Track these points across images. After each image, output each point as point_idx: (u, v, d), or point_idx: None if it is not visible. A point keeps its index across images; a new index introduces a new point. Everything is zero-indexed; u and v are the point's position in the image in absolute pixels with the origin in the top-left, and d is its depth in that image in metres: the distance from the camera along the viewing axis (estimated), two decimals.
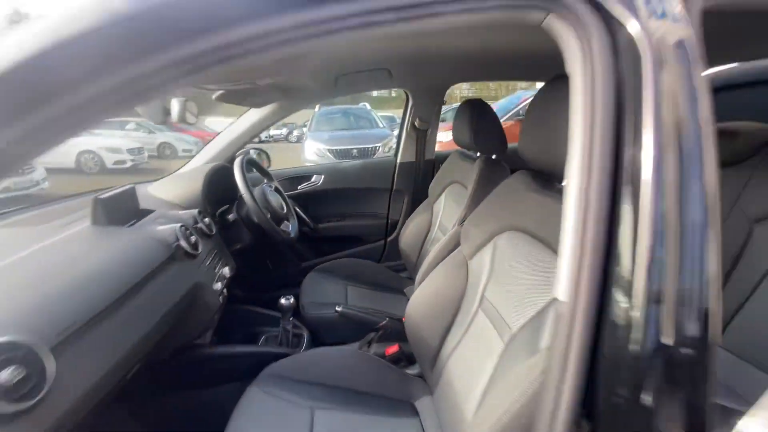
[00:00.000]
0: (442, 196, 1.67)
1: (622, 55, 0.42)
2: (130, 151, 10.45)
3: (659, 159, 0.40)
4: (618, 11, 0.42)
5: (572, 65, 0.45)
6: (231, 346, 1.30)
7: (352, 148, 5.93)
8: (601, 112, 0.42)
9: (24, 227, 1.13)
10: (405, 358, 1.22)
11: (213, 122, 25.15)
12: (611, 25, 0.42)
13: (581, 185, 0.43)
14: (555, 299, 0.46)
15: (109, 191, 1.07)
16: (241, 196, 1.41)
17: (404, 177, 2.02)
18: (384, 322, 1.29)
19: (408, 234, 1.73)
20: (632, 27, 0.41)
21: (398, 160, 2.02)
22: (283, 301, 1.31)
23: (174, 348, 1.10)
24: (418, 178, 1.99)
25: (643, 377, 0.41)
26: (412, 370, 1.18)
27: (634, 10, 0.41)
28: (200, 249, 1.11)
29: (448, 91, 2.02)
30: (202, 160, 1.73)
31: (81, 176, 9.31)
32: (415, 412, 1.02)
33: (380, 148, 5.95)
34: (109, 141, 10.45)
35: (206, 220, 1.28)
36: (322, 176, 2.06)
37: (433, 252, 1.29)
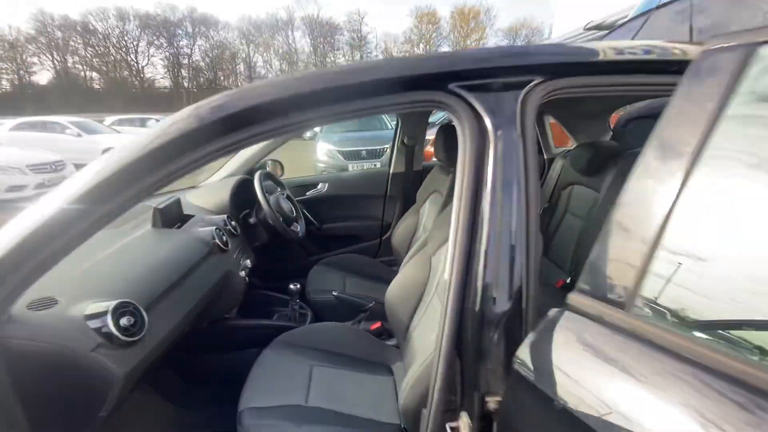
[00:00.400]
0: (426, 202, 1.98)
1: (479, 132, 0.72)
2: None
3: (494, 190, 0.70)
4: (481, 111, 0.72)
5: (459, 137, 0.76)
6: (251, 320, 1.65)
7: (361, 150, 6.25)
8: (469, 161, 0.72)
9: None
10: (386, 333, 1.54)
11: None
12: (478, 117, 0.73)
13: (458, 205, 0.73)
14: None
15: (162, 202, 1.42)
16: (259, 204, 1.76)
17: (396, 185, 2.35)
18: (371, 305, 1.61)
19: (398, 234, 2.05)
20: (485, 121, 0.72)
21: (391, 171, 2.37)
22: (291, 286, 1.65)
23: (210, 320, 1.46)
24: (408, 186, 2.31)
25: (481, 330, 0.71)
26: (391, 342, 1.51)
27: (487, 111, 0.72)
28: (229, 246, 1.46)
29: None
30: (227, 172, 2.07)
31: None
32: (390, 373, 1.35)
33: (387, 150, 6.24)
34: (132, 138, 11.02)
35: (233, 222, 1.63)
36: (327, 184, 2.43)
37: (412, 249, 1.61)
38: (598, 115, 1.81)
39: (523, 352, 0.61)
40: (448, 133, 1.72)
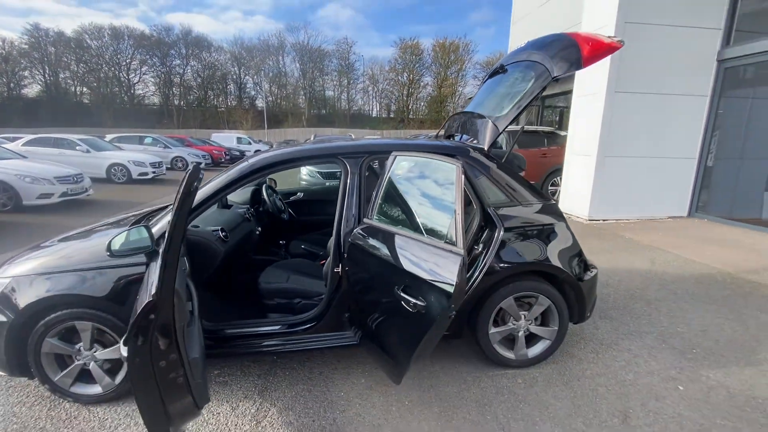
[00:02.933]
0: None
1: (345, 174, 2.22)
2: (153, 164, 12.27)
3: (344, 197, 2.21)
4: (349, 166, 2.23)
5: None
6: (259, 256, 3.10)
7: (336, 171, 7.77)
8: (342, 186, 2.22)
9: None
10: None
11: (217, 137, 26.88)
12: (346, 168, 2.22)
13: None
14: None
15: None
16: (264, 201, 3.24)
17: None
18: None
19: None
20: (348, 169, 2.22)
21: None
22: (280, 242, 3.12)
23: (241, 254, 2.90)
24: None
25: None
26: None
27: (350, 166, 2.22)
28: (251, 219, 2.93)
29: (442, 114, 3.90)
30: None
31: (112, 185, 11.03)
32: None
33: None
34: (136, 155, 12.29)
35: (251, 210, 3.09)
36: (302, 193, 3.93)
37: None
38: None
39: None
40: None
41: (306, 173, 7.89)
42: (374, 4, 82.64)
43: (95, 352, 2.05)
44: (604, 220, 6.39)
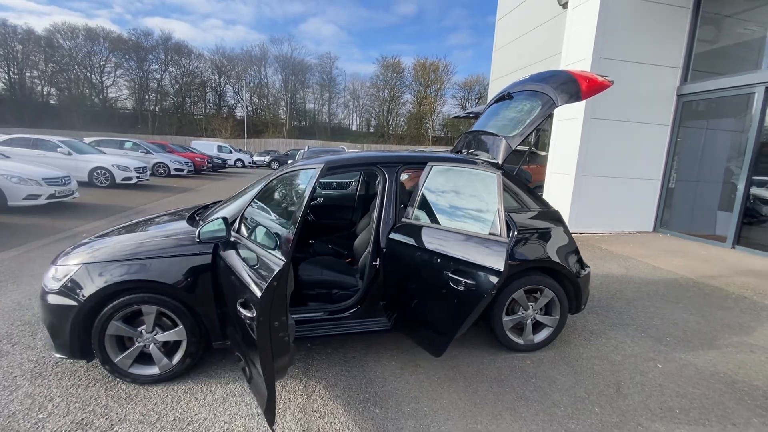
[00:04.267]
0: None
1: (382, 180, 2.56)
2: (137, 169, 12.08)
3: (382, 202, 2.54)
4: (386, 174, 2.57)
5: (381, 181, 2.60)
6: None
7: (332, 181, 8.07)
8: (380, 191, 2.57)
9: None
10: None
11: (197, 144, 26.53)
12: (383, 176, 2.56)
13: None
14: None
15: None
16: None
17: (360, 201, 4.20)
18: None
19: (360, 225, 3.83)
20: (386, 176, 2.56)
21: (357, 193, 4.20)
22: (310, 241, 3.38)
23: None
24: (366, 202, 4.18)
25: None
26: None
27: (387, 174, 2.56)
28: None
29: (421, 131, 4.30)
30: None
31: (94, 189, 10.76)
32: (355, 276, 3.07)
33: (353, 183, 8.11)
34: (120, 159, 12.06)
35: None
36: (322, 199, 4.21)
37: (365, 230, 3.40)
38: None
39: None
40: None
41: None
42: (358, 22, 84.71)
43: (156, 334, 2.25)
44: (581, 233, 6.99)
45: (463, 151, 3.55)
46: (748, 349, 2.89)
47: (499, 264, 1.74)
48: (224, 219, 2.09)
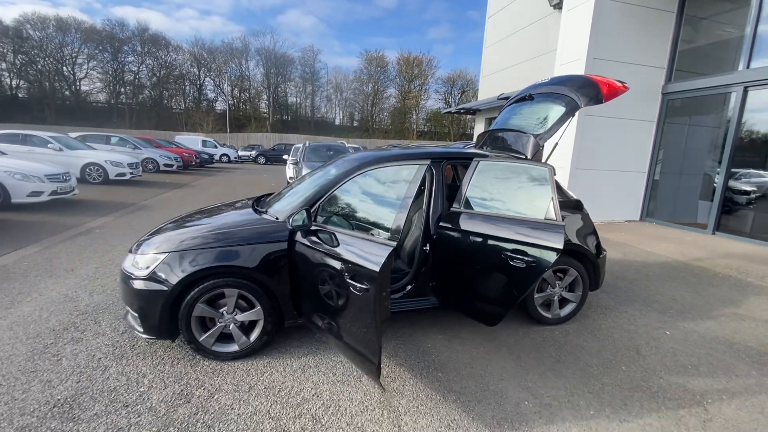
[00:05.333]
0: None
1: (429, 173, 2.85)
2: (130, 165, 11.91)
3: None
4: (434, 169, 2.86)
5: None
6: None
7: None
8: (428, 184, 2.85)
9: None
10: None
11: (181, 139, 26.04)
12: (429, 170, 2.85)
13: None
14: None
15: None
16: None
17: None
18: None
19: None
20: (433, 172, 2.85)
21: None
22: None
23: None
24: None
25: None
26: None
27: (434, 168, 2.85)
28: None
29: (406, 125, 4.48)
30: None
31: (88, 185, 10.57)
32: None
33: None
34: (112, 155, 11.86)
35: None
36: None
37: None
38: None
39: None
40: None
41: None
42: (337, 14, 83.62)
43: (236, 315, 2.48)
44: None
45: (485, 147, 3.87)
46: (739, 318, 3.35)
47: (559, 243, 2.07)
48: (307, 210, 2.33)
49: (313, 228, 2.32)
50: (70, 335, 2.78)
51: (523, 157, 3.13)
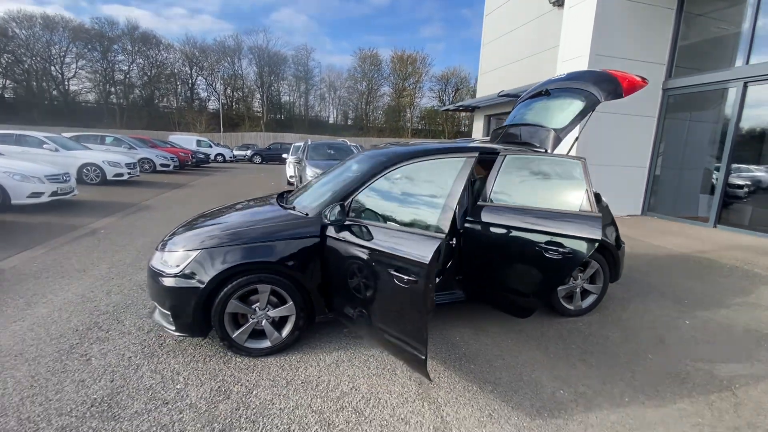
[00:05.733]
0: None
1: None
2: (128, 165, 11.76)
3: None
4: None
5: None
6: None
7: None
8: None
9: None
10: None
11: (176, 138, 25.75)
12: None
13: None
14: None
15: None
16: None
17: None
18: None
19: None
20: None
21: None
22: None
23: None
24: None
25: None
26: None
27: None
28: None
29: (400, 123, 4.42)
30: None
31: (86, 186, 10.39)
32: None
33: None
34: (110, 156, 11.69)
35: None
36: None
37: None
38: None
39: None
40: None
41: (314, 175, 8.29)
42: (329, 12, 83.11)
43: (268, 311, 2.48)
44: None
45: (501, 142, 3.89)
46: (753, 307, 3.43)
47: (596, 234, 2.10)
48: (341, 205, 2.33)
49: (347, 223, 2.32)
50: (94, 335, 2.75)
51: (543, 151, 3.17)
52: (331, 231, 2.40)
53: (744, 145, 6.50)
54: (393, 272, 1.89)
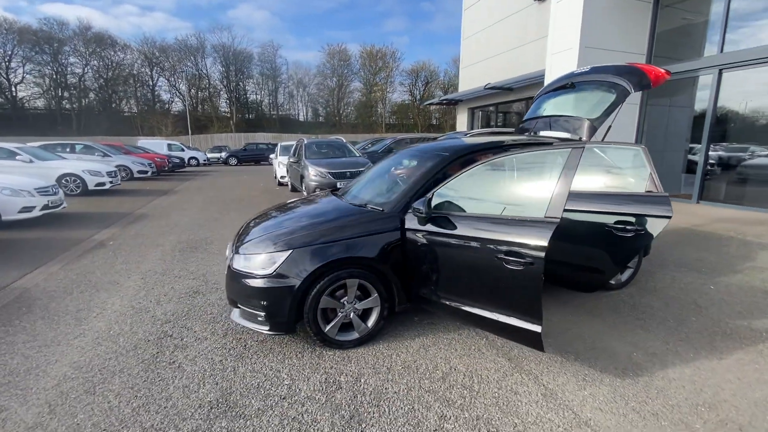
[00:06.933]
0: None
1: None
2: (109, 174, 11.21)
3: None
4: None
5: None
6: None
7: (346, 171, 8.32)
8: None
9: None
10: None
11: (146, 143, 24.66)
12: None
13: None
14: None
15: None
16: None
17: None
18: None
19: None
20: None
21: None
22: None
23: None
24: None
25: None
26: None
27: None
28: None
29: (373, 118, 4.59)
30: None
31: (67, 198, 9.78)
32: None
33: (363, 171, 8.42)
34: (90, 165, 11.09)
35: None
36: None
37: None
38: None
39: None
40: None
41: (317, 174, 8.29)
42: (290, 7, 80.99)
43: (355, 304, 2.59)
44: None
45: (532, 132, 4.12)
46: (760, 270, 3.88)
47: (668, 212, 2.36)
48: (429, 200, 2.46)
49: (433, 215, 2.46)
50: (170, 343, 2.75)
51: (577, 139, 3.42)
52: (412, 224, 2.53)
53: (720, 127, 7.14)
54: (502, 256, 2.06)
